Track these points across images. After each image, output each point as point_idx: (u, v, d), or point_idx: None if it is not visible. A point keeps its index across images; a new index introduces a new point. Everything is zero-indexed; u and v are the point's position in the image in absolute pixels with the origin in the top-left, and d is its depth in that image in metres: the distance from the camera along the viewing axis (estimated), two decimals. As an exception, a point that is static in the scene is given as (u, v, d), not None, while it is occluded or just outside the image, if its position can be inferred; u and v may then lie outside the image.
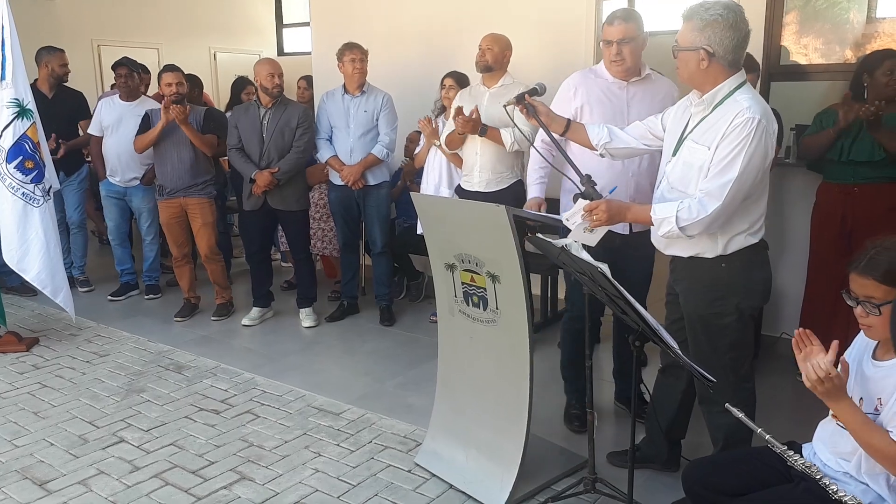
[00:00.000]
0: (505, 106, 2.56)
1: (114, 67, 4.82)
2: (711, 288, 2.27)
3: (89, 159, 5.26)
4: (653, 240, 2.41)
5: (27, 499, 2.66)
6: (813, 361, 1.66)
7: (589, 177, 2.33)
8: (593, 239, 2.35)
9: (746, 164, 2.05)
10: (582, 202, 2.27)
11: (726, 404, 1.97)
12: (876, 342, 1.78)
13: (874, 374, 1.74)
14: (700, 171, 2.15)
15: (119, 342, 4.32)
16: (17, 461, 2.93)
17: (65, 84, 5.12)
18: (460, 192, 3.94)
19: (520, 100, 2.50)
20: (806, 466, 1.73)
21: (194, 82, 6.27)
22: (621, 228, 2.69)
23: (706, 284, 2.28)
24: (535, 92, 2.54)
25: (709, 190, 2.09)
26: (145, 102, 4.91)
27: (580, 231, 2.32)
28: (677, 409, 2.61)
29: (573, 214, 2.31)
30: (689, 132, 2.23)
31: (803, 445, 1.91)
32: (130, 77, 4.81)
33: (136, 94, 4.89)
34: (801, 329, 1.76)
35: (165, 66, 4.56)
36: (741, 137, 2.05)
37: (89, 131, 4.93)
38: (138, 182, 4.88)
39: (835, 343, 1.69)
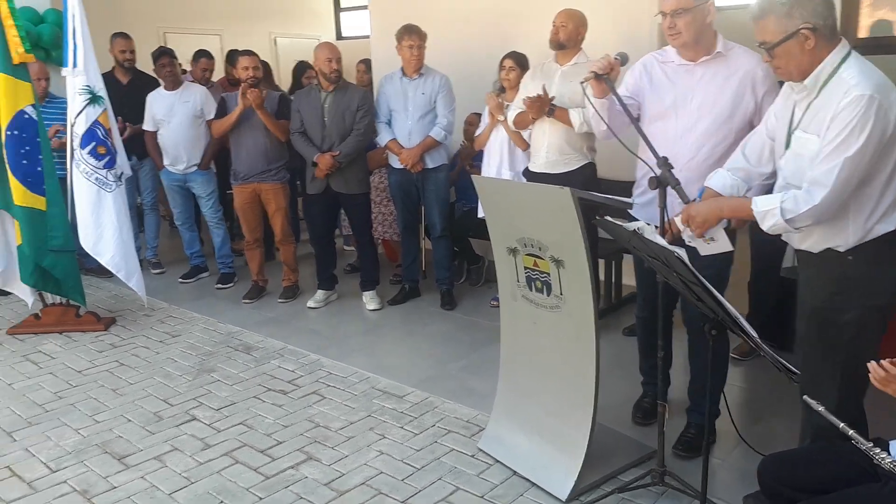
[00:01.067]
0: (582, 82, 2.47)
1: (155, 59, 4.87)
2: (833, 281, 2.06)
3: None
4: (784, 236, 2.18)
5: (107, 472, 2.78)
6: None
7: (665, 159, 2.22)
8: (720, 246, 2.24)
9: (859, 147, 1.85)
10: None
11: (804, 396, 1.89)
12: None
13: None
14: (812, 161, 1.97)
15: (190, 323, 4.47)
16: (97, 436, 3.07)
17: (141, 71, 5.26)
18: (527, 174, 3.89)
19: (600, 76, 2.41)
20: (894, 465, 1.63)
21: (265, 68, 6.38)
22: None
23: (828, 278, 2.07)
24: (618, 60, 2.44)
25: (815, 178, 1.92)
26: (190, 88, 5.02)
27: (703, 245, 2.23)
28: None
29: (682, 233, 2.23)
30: (798, 122, 2.05)
31: (891, 442, 1.81)
32: (172, 66, 4.90)
33: (180, 82, 4.98)
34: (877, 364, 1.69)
35: (241, 51, 4.63)
36: (850, 118, 1.85)
37: (144, 127, 5.02)
38: (196, 168, 5.00)
39: None
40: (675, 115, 2.58)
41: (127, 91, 4.95)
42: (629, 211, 2.74)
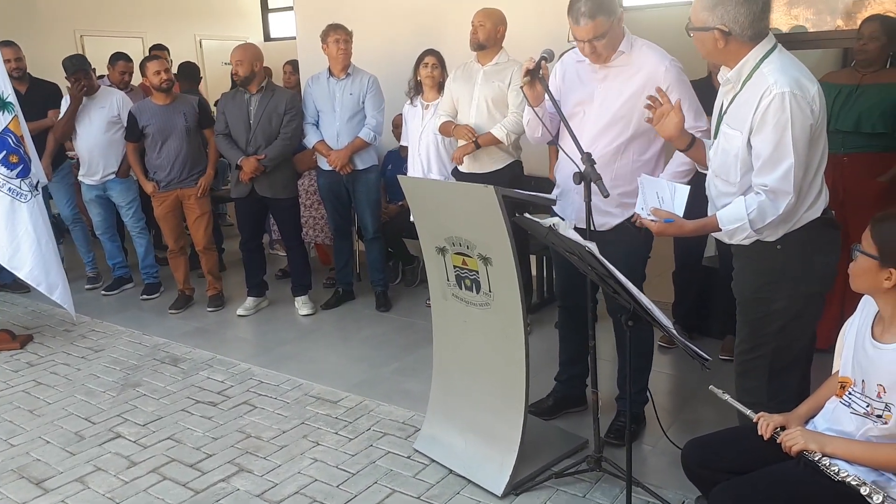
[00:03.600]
0: (521, 87, 2.50)
1: (70, 72, 4.62)
2: (763, 272, 2.11)
3: (70, 153, 5.18)
4: (715, 235, 2.21)
5: (24, 498, 2.63)
6: (784, 440, 1.77)
7: (589, 155, 2.26)
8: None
9: (795, 143, 1.90)
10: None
11: (710, 386, 1.96)
12: (873, 317, 1.75)
13: (875, 357, 1.70)
14: (736, 158, 2.02)
15: (114, 336, 4.29)
16: (12, 460, 2.91)
17: (38, 78, 5.04)
18: (456, 173, 3.90)
19: (535, 74, 2.42)
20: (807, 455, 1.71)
21: (191, 70, 6.19)
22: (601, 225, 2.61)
23: (758, 269, 2.12)
24: (542, 60, 2.45)
25: (773, 187, 1.95)
26: (106, 92, 4.81)
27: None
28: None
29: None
30: (724, 114, 2.10)
31: (806, 423, 1.89)
32: (88, 78, 4.67)
33: (95, 89, 4.78)
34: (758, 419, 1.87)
35: (149, 56, 4.49)
36: (777, 119, 1.90)
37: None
38: (114, 175, 4.81)
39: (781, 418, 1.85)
40: (583, 113, 2.62)
41: (25, 100, 4.66)
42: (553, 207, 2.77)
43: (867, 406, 1.69)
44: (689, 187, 2.14)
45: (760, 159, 1.97)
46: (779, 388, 2.17)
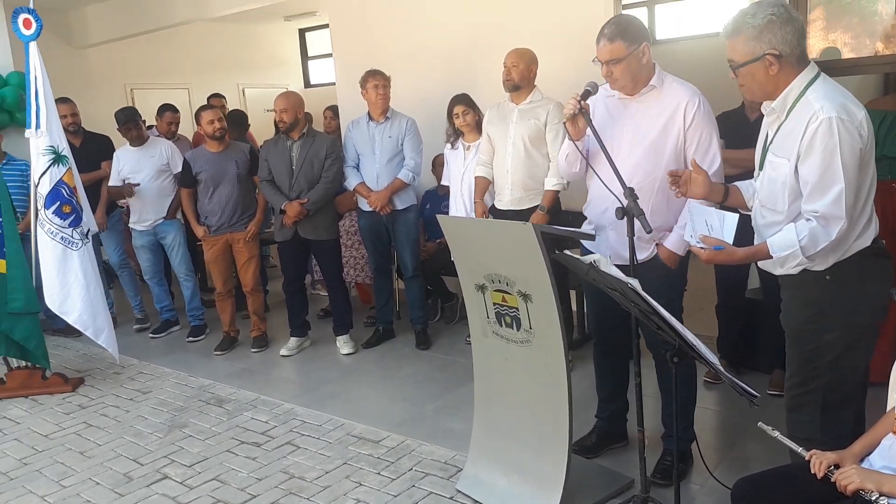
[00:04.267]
0: (563, 122, 2.53)
1: (120, 123, 4.88)
2: (813, 302, 2.07)
3: (121, 202, 5.38)
4: (759, 265, 2.21)
5: (75, 540, 2.69)
6: (838, 479, 1.71)
7: (632, 190, 2.25)
8: None
9: (845, 167, 1.89)
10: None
11: (760, 423, 1.91)
12: None
13: None
14: (784, 186, 2.01)
15: (161, 378, 4.39)
16: (64, 502, 2.97)
17: (91, 132, 5.28)
18: (493, 211, 3.93)
19: (577, 110, 2.45)
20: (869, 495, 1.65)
21: (239, 118, 6.41)
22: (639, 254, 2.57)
23: (807, 299, 2.08)
24: (587, 94, 2.48)
25: (825, 213, 1.93)
26: (155, 142, 5.04)
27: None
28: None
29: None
30: (769, 144, 2.09)
31: (868, 458, 1.82)
32: (138, 128, 4.91)
33: (145, 139, 4.99)
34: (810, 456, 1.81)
35: (204, 105, 4.70)
36: (825, 144, 1.89)
37: (110, 183, 4.99)
38: (164, 220, 4.98)
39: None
40: (614, 147, 2.62)
41: (80, 153, 4.87)
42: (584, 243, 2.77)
43: None
44: (738, 215, 2.12)
45: (809, 185, 1.95)
46: (833, 422, 2.11)
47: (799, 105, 1.98)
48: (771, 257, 2.05)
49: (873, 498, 1.63)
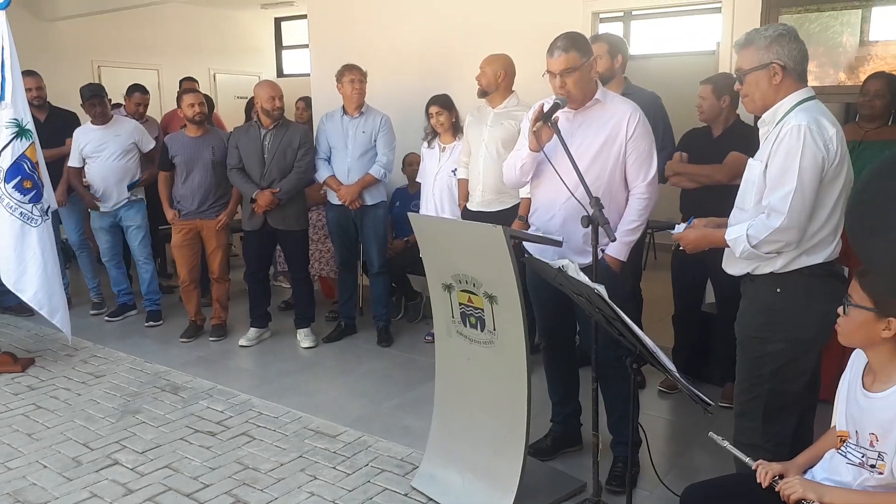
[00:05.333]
0: (533, 131, 2.60)
1: (85, 98, 4.76)
2: (763, 312, 2.18)
3: (83, 181, 5.25)
4: (723, 265, 2.31)
5: (19, 523, 2.63)
6: (782, 489, 1.78)
7: (598, 199, 2.33)
8: None
9: (801, 171, 2.01)
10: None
11: (710, 433, 1.98)
12: (863, 369, 1.78)
13: (866, 406, 1.73)
14: (753, 185, 2.13)
15: (115, 363, 4.30)
16: (9, 484, 2.90)
17: (57, 107, 5.15)
18: (465, 212, 3.96)
19: (547, 119, 2.52)
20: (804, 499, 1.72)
21: (207, 104, 6.30)
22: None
23: (758, 309, 2.20)
24: (557, 106, 2.55)
25: (771, 205, 2.06)
26: (120, 121, 4.94)
27: None
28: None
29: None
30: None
31: (811, 470, 1.90)
32: (103, 105, 4.79)
33: (109, 117, 4.88)
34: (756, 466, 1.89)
35: (185, 88, 4.58)
36: (789, 147, 2.02)
37: (69, 164, 4.85)
38: (126, 200, 4.88)
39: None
40: (559, 160, 2.68)
41: (44, 128, 4.74)
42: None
43: (862, 456, 1.71)
44: None
45: (769, 182, 2.07)
46: (775, 431, 2.21)
47: (786, 118, 2.09)
48: (726, 244, 2.17)
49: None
